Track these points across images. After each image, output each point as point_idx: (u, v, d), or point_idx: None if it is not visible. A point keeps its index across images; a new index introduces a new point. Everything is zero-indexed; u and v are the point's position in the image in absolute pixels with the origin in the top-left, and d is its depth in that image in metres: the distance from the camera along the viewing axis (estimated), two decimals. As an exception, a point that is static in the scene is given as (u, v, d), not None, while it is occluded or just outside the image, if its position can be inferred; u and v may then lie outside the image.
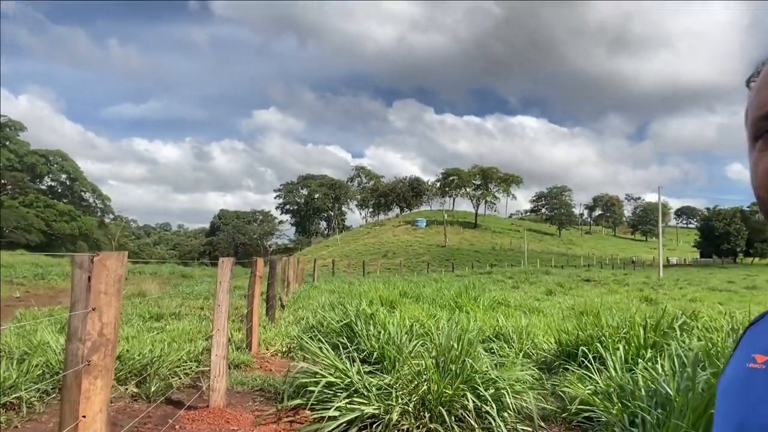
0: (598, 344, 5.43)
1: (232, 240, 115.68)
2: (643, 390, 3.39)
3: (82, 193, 78.81)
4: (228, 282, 4.66)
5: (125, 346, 5.74)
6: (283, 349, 7.31)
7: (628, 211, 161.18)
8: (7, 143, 65.86)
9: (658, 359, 4.47)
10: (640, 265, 67.49)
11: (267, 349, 7.32)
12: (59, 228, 64.92)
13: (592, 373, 4.81)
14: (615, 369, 4.55)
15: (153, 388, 4.91)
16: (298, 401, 4.45)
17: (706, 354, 3.53)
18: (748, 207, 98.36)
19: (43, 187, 72.80)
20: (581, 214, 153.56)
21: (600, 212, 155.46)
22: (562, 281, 24.97)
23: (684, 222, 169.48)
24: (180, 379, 5.46)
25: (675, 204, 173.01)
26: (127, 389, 4.93)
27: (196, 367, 5.85)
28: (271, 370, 6.25)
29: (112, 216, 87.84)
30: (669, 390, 3.10)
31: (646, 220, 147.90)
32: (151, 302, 11.19)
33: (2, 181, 62.94)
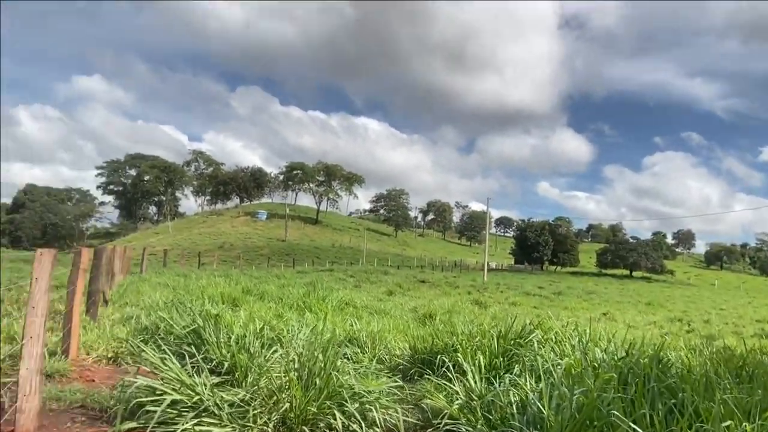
0: (455, 353, 5.49)
1: (40, 219, 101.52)
2: (514, 406, 3.39)
3: None
4: (47, 280, 3.79)
5: None
6: (109, 355, 6.31)
7: (456, 217, 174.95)
8: None
9: (516, 370, 4.61)
10: (465, 268, 73.32)
11: (88, 354, 6.27)
12: None
13: (450, 383, 4.83)
14: (474, 380, 4.60)
15: (-71, 411, 3.82)
16: (133, 424, 3.76)
17: (570, 370, 3.67)
18: (553, 221, 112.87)
19: None
20: (416, 218, 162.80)
21: (433, 217, 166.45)
22: (401, 282, 25.98)
23: (502, 230, 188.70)
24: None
25: (495, 214, 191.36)
26: None
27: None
28: (93, 380, 5.32)
29: None
30: (542, 408, 3.12)
31: (471, 227, 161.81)
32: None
33: None
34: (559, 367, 3.78)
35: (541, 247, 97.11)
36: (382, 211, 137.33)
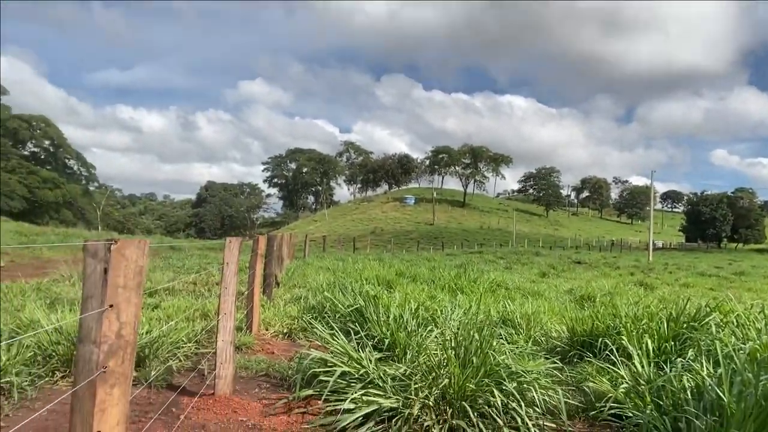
0: (618, 336, 5.21)
1: (219, 212, 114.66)
2: (689, 392, 3.16)
3: (66, 160, 77.23)
4: (235, 264, 4.35)
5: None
6: (284, 330, 7.04)
7: (614, 193, 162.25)
8: (-12, 107, 64.06)
9: (689, 354, 4.27)
10: (626, 248, 68.09)
11: (267, 330, 7.05)
12: (42, 195, 63.69)
13: (615, 366, 4.61)
14: (642, 364, 4.35)
15: (153, 372, 4.62)
16: (310, 392, 4.19)
17: (755, 355, 3.31)
18: (733, 192, 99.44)
19: (26, 153, 71.12)
20: (568, 196, 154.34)
21: (587, 194, 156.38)
22: (554, 263, 24.97)
23: (669, 206, 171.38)
24: (180, 361, 5.18)
25: (661, 188, 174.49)
26: (124, 373, 4.63)
27: (196, 348, 5.56)
28: (273, 353, 5.99)
29: (96, 184, 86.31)
30: (722, 394, 2.87)
31: (632, 204, 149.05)
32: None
33: (-17, 146, 61.33)
34: (741, 352, 3.42)
35: (718, 222, 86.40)
36: (531, 190, 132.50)
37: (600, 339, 5.23)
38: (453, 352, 4.33)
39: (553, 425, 3.98)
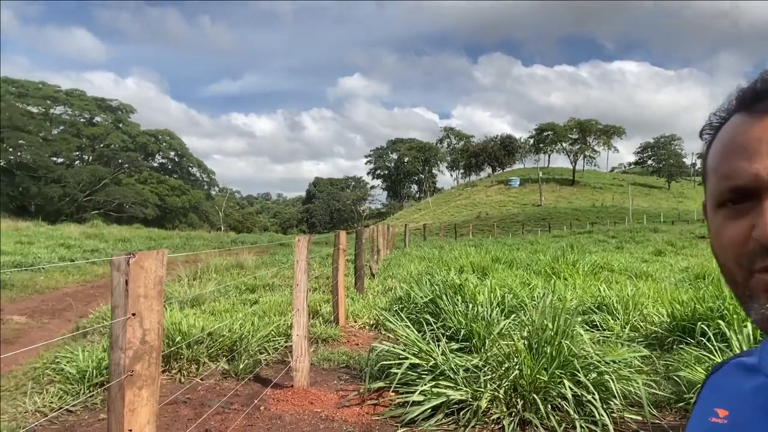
0: (721, 319, 4.74)
1: (327, 207, 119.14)
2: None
3: (190, 168, 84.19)
4: (305, 261, 4.52)
5: (216, 321, 5.87)
6: (371, 322, 7.19)
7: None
8: (120, 125, 71.44)
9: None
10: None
11: (355, 322, 7.25)
12: (172, 202, 70.05)
13: (712, 354, 4.20)
14: (741, 350, 3.92)
15: (241, 366, 4.95)
16: (381, 383, 4.26)
17: None
18: None
19: (155, 165, 78.58)
20: (693, 164, 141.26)
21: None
22: (673, 239, 23.07)
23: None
24: (269, 354, 5.49)
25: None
26: (218, 366, 5.01)
27: (285, 342, 5.86)
28: (357, 344, 6.16)
29: (217, 188, 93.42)
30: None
31: None
32: (247, 273, 11.59)
33: (120, 161, 68.60)
34: None
35: None
36: (650, 162, 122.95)
37: (698, 324, 4.78)
38: (525, 342, 4.18)
39: (639, 417, 3.73)
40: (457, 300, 5.75)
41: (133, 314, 1.80)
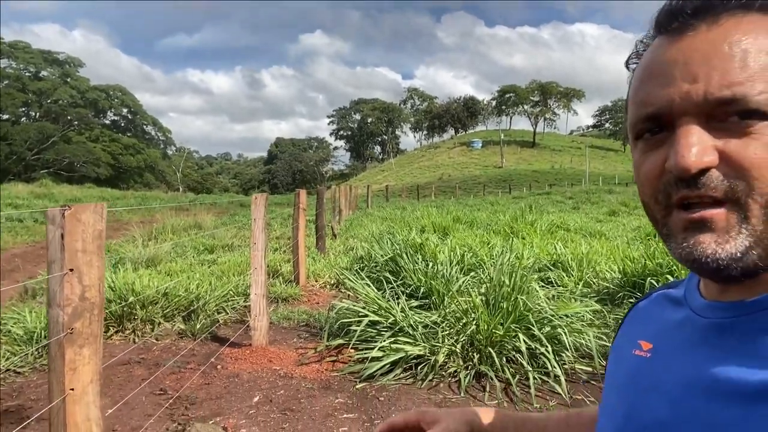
0: (668, 275, 4.92)
1: (290, 168, 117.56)
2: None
3: (144, 127, 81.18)
4: (263, 219, 4.43)
5: (172, 282, 5.74)
6: (332, 282, 7.19)
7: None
8: (68, 80, 67.92)
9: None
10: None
11: (316, 281, 7.23)
12: (126, 161, 67.69)
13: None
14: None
15: (198, 325, 4.88)
16: (340, 341, 4.27)
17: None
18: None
19: (107, 122, 75.40)
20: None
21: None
22: (627, 200, 23.77)
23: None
24: (227, 314, 5.43)
25: None
26: (174, 326, 4.92)
27: (244, 301, 5.80)
28: (318, 303, 6.15)
29: (174, 148, 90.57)
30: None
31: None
32: (206, 233, 11.36)
33: (69, 118, 65.48)
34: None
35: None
36: (607, 125, 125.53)
37: (647, 279, 4.95)
38: (482, 299, 4.25)
39: (589, 369, 3.86)
40: (418, 258, 5.78)
41: (71, 269, 1.69)
